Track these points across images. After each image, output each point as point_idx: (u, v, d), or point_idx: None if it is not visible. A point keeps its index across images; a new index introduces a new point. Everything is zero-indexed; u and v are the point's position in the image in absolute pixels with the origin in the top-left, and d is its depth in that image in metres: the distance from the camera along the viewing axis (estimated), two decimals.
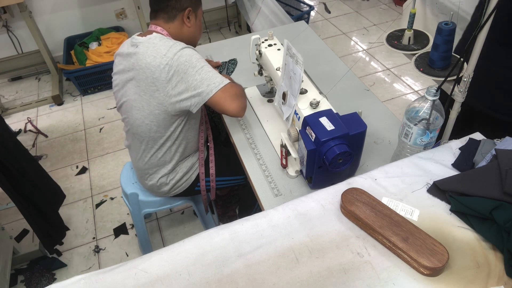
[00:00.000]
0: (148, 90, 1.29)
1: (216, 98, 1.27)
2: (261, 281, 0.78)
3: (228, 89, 1.28)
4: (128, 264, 0.82)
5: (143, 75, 1.28)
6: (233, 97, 1.29)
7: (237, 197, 2.09)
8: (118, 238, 2.06)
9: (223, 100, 1.27)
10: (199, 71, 1.25)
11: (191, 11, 1.35)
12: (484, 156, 0.94)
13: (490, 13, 0.90)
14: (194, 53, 1.28)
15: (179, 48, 1.26)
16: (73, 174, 2.43)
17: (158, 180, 1.49)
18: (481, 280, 0.75)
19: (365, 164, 1.26)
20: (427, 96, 0.98)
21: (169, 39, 1.30)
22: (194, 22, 1.39)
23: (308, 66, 1.66)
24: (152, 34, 1.30)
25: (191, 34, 1.41)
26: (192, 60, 1.25)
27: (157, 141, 1.39)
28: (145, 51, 1.27)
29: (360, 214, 0.84)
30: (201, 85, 1.25)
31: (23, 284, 1.90)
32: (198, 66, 1.26)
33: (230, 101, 1.28)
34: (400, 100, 2.77)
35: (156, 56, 1.25)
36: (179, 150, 1.44)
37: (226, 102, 1.28)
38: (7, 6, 2.77)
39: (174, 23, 1.35)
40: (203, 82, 1.25)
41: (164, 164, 1.46)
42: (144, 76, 1.28)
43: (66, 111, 2.93)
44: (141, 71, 1.28)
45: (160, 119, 1.33)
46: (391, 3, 3.85)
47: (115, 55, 1.41)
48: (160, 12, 1.34)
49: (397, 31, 1.33)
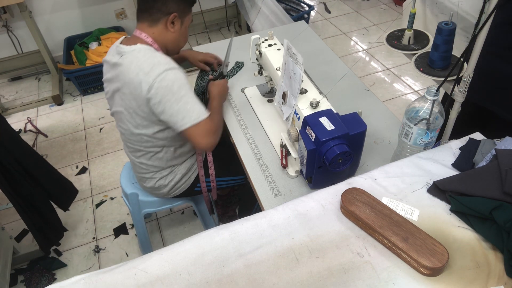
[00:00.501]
0: (132, 105, 1.28)
1: (188, 132, 1.27)
2: (261, 281, 0.78)
3: (202, 125, 1.27)
4: (128, 264, 0.82)
5: (127, 89, 1.26)
6: (205, 134, 1.29)
7: (237, 197, 2.09)
8: (118, 238, 2.06)
9: (194, 136, 1.28)
10: (178, 100, 1.23)
11: (176, 16, 1.30)
12: (484, 156, 0.94)
13: (490, 13, 0.90)
14: (177, 78, 1.24)
15: (162, 69, 1.21)
16: (73, 174, 2.43)
17: (156, 182, 1.49)
18: (481, 280, 0.75)
19: (365, 164, 1.26)
20: (427, 96, 0.98)
21: (153, 52, 1.26)
22: (178, 28, 1.33)
23: (308, 66, 1.66)
24: (137, 45, 1.26)
25: (175, 41, 1.36)
26: (174, 86, 1.22)
27: (149, 148, 1.40)
28: (129, 65, 1.24)
29: (360, 214, 0.84)
30: (176, 116, 1.24)
31: (23, 284, 1.90)
32: (178, 95, 1.22)
33: (201, 138, 1.28)
34: (400, 100, 2.77)
35: (139, 73, 1.21)
36: (175, 155, 1.44)
37: (197, 139, 1.28)
38: (7, 6, 2.77)
39: (158, 27, 1.30)
40: (179, 113, 1.24)
41: (160, 169, 1.46)
42: (128, 91, 1.27)
43: (66, 111, 2.93)
44: (125, 85, 1.27)
45: (148, 131, 1.33)
46: (391, 3, 3.85)
47: (104, 61, 1.38)
48: (145, 13, 1.30)
49: (397, 31, 1.33)
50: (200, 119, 1.26)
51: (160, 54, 1.27)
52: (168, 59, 1.26)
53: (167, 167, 1.47)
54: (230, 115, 1.51)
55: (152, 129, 1.33)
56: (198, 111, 1.26)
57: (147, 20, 1.30)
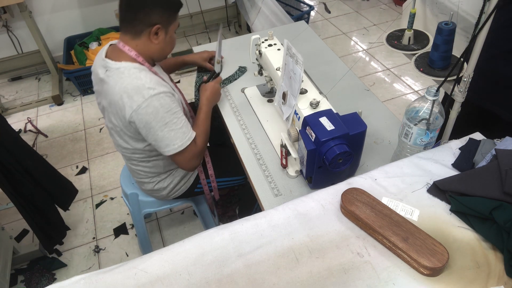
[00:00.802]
0: (119, 124, 1.28)
1: (172, 157, 1.30)
2: (261, 281, 0.78)
3: (186, 152, 1.28)
4: (128, 264, 0.82)
5: (113, 109, 1.25)
6: (188, 159, 1.31)
7: (237, 197, 2.09)
8: (118, 238, 2.06)
9: (177, 161, 1.32)
10: (162, 128, 1.21)
11: (160, 28, 1.22)
12: (484, 156, 0.94)
13: (490, 13, 0.90)
14: (163, 104, 1.20)
15: (147, 95, 1.17)
16: (73, 174, 2.43)
17: (155, 186, 1.49)
18: (481, 280, 0.75)
19: (365, 164, 1.26)
20: (427, 96, 0.98)
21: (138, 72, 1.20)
22: (163, 38, 1.25)
23: (308, 66, 1.66)
24: (121, 63, 1.21)
25: (160, 51, 1.29)
26: (158, 114, 1.19)
27: (144, 158, 1.39)
28: (114, 86, 1.20)
29: (360, 214, 0.84)
30: (160, 142, 1.24)
31: (23, 284, 1.89)
32: (162, 122, 1.20)
33: (185, 163, 1.32)
34: (400, 100, 2.77)
35: (123, 95, 1.18)
36: (170, 161, 1.44)
37: (181, 163, 1.33)
38: (7, 6, 2.77)
39: (141, 39, 1.23)
40: (163, 140, 1.24)
41: (158, 174, 1.46)
42: (114, 111, 1.25)
43: (66, 111, 2.93)
44: (111, 105, 1.25)
45: (139, 145, 1.33)
46: (391, 3, 3.85)
47: (92, 69, 1.35)
48: (127, 24, 1.23)
49: (397, 31, 1.33)
50: (183, 147, 1.26)
51: (145, 74, 1.21)
52: (154, 80, 1.21)
53: (165, 172, 1.47)
54: (230, 115, 1.51)
55: (142, 144, 1.32)
56: (182, 137, 1.25)
57: (129, 32, 1.23)
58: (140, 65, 1.24)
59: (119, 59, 1.23)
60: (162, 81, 1.26)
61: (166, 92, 1.22)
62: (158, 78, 1.26)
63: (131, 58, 1.24)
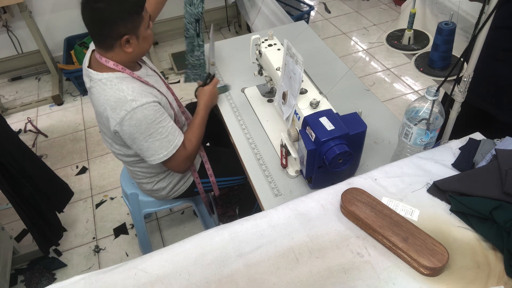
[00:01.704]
0: (107, 133, 1.30)
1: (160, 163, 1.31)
2: (261, 281, 0.78)
3: (173, 158, 1.28)
4: (128, 264, 0.82)
5: (100, 119, 1.28)
6: (176, 164, 1.31)
7: (237, 197, 2.09)
8: (118, 238, 2.06)
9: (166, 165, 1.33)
10: (146, 139, 1.21)
11: (129, 37, 1.16)
12: (484, 156, 0.94)
13: (490, 13, 0.90)
14: (146, 116, 1.17)
15: (129, 108, 1.16)
16: (73, 174, 2.43)
17: (154, 186, 1.49)
18: (481, 280, 0.75)
19: (365, 164, 1.26)
20: (427, 96, 0.98)
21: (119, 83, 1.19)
22: (136, 43, 1.20)
23: (308, 66, 1.66)
24: (103, 74, 1.20)
25: (137, 54, 1.24)
26: (141, 126, 1.18)
27: (138, 160, 1.39)
28: (98, 98, 1.20)
29: (360, 214, 0.84)
30: (146, 152, 1.25)
31: (23, 284, 1.89)
32: (146, 133, 1.19)
33: (172, 167, 1.35)
34: (400, 100, 2.77)
35: (106, 108, 1.18)
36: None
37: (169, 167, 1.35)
38: (7, 6, 2.77)
39: (114, 51, 1.19)
40: (148, 151, 1.24)
41: (157, 174, 1.46)
42: (101, 121, 1.27)
43: (66, 111, 2.93)
44: (97, 115, 1.27)
45: (130, 151, 1.33)
46: (391, 3, 3.85)
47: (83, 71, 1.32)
48: (96, 40, 1.19)
49: (397, 31, 1.33)
50: (169, 156, 1.27)
51: (126, 84, 1.19)
52: (136, 90, 1.18)
53: (163, 171, 1.46)
54: (230, 115, 1.51)
55: (133, 150, 1.31)
56: (167, 146, 1.25)
57: (101, 47, 1.20)
58: (121, 73, 1.21)
59: (100, 70, 1.22)
60: (147, 88, 1.24)
61: (150, 102, 1.19)
62: (141, 85, 1.23)
63: (111, 69, 1.21)
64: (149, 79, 1.32)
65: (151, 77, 1.34)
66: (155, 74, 1.39)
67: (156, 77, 1.38)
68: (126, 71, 1.23)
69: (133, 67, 1.28)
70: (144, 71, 1.33)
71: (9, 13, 2.85)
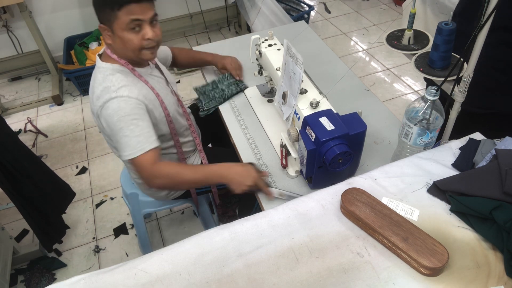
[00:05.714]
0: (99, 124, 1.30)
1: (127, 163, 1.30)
2: (261, 281, 0.78)
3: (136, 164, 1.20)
4: (128, 264, 0.82)
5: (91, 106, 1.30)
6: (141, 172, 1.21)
7: (237, 197, 2.09)
8: (118, 238, 2.06)
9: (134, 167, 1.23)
10: (116, 133, 1.19)
11: (104, 27, 1.19)
12: (484, 156, 0.94)
13: (490, 13, 0.90)
14: (120, 108, 1.17)
15: (108, 98, 1.18)
16: (73, 174, 2.43)
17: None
18: (481, 280, 0.75)
19: (365, 164, 1.26)
20: (427, 96, 0.98)
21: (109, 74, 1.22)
22: (112, 37, 1.21)
23: (308, 66, 1.66)
24: (102, 64, 1.25)
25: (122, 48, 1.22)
26: (113, 117, 1.17)
27: None
28: (92, 84, 1.26)
29: (360, 214, 0.84)
30: (116, 144, 1.23)
31: (23, 284, 1.89)
32: (117, 127, 1.18)
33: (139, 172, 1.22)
34: (400, 100, 2.77)
35: (93, 95, 1.23)
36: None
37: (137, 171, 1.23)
38: (7, 6, 2.77)
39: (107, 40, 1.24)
40: (118, 144, 1.21)
41: None
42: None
43: (66, 111, 2.93)
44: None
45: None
46: (391, 3, 3.85)
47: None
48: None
49: (397, 31, 1.33)
50: (132, 157, 1.18)
51: (117, 77, 1.21)
52: (122, 83, 1.20)
53: None
54: (230, 115, 1.51)
55: None
56: (133, 146, 1.17)
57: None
58: (120, 66, 1.25)
59: (106, 60, 1.27)
60: (140, 85, 1.24)
61: (131, 97, 1.19)
62: (134, 81, 1.24)
63: (114, 60, 1.26)
64: (151, 78, 1.32)
65: (153, 77, 1.34)
66: (161, 76, 1.39)
67: (159, 79, 1.37)
68: (128, 66, 1.26)
69: (138, 64, 1.30)
70: (149, 70, 1.34)
71: (9, 13, 2.85)
